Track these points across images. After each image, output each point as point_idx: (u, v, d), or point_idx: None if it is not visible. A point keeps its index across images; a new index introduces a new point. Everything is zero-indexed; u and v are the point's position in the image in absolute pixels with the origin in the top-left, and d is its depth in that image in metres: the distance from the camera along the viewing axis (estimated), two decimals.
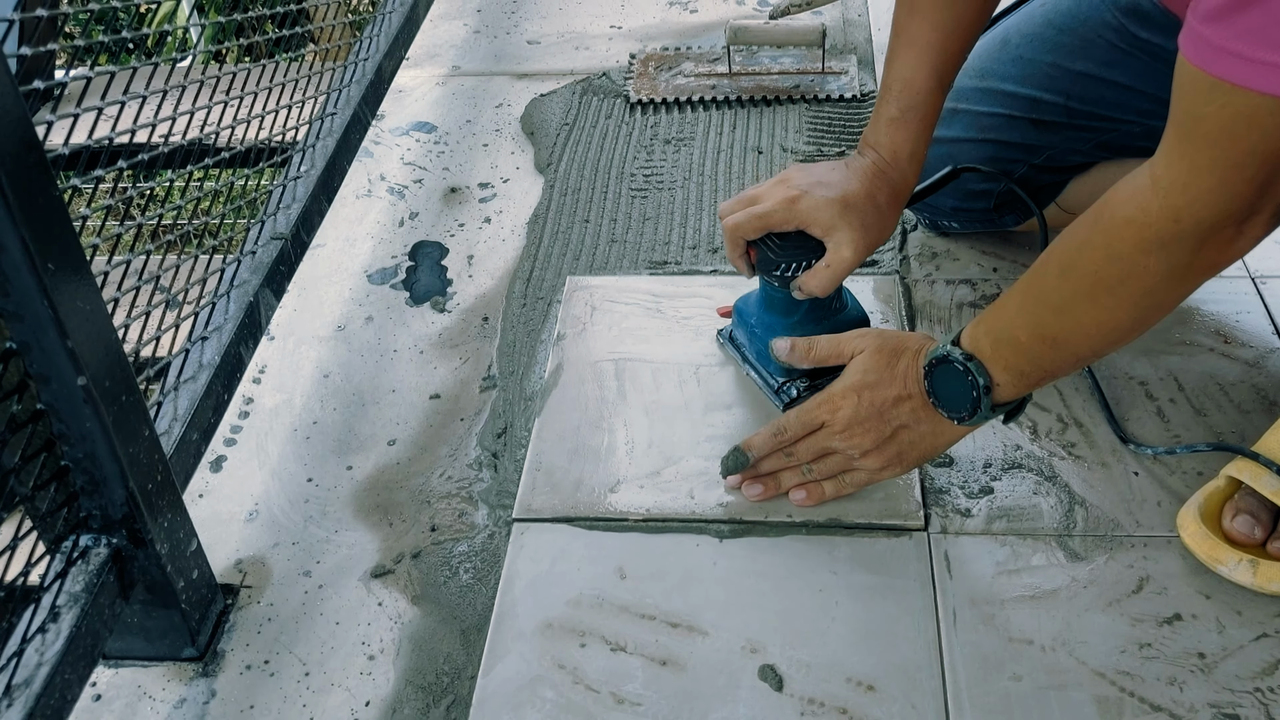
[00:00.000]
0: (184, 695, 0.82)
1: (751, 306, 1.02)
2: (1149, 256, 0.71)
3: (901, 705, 0.78)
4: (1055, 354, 0.79)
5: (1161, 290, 0.73)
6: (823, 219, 0.91)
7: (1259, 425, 0.95)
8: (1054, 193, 1.13)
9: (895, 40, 0.94)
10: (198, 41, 2.40)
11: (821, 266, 0.92)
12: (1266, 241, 1.16)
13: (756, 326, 1.01)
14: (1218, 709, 0.77)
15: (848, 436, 0.88)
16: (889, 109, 0.94)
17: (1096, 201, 0.75)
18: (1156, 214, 0.69)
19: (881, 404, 0.86)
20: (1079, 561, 0.87)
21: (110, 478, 0.72)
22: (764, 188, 0.94)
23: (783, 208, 0.91)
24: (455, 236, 1.27)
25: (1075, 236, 0.76)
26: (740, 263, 0.96)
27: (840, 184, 0.92)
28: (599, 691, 0.80)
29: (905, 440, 0.87)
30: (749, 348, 1.03)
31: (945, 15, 0.92)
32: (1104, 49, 1.04)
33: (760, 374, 1.02)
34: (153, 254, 0.96)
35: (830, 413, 0.88)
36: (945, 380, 0.83)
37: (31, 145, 0.61)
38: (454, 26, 1.70)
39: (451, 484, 0.97)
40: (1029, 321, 0.79)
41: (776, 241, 0.93)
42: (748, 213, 0.92)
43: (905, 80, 0.93)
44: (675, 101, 1.46)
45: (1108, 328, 0.76)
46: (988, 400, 0.81)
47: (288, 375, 1.10)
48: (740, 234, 0.93)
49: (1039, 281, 0.79)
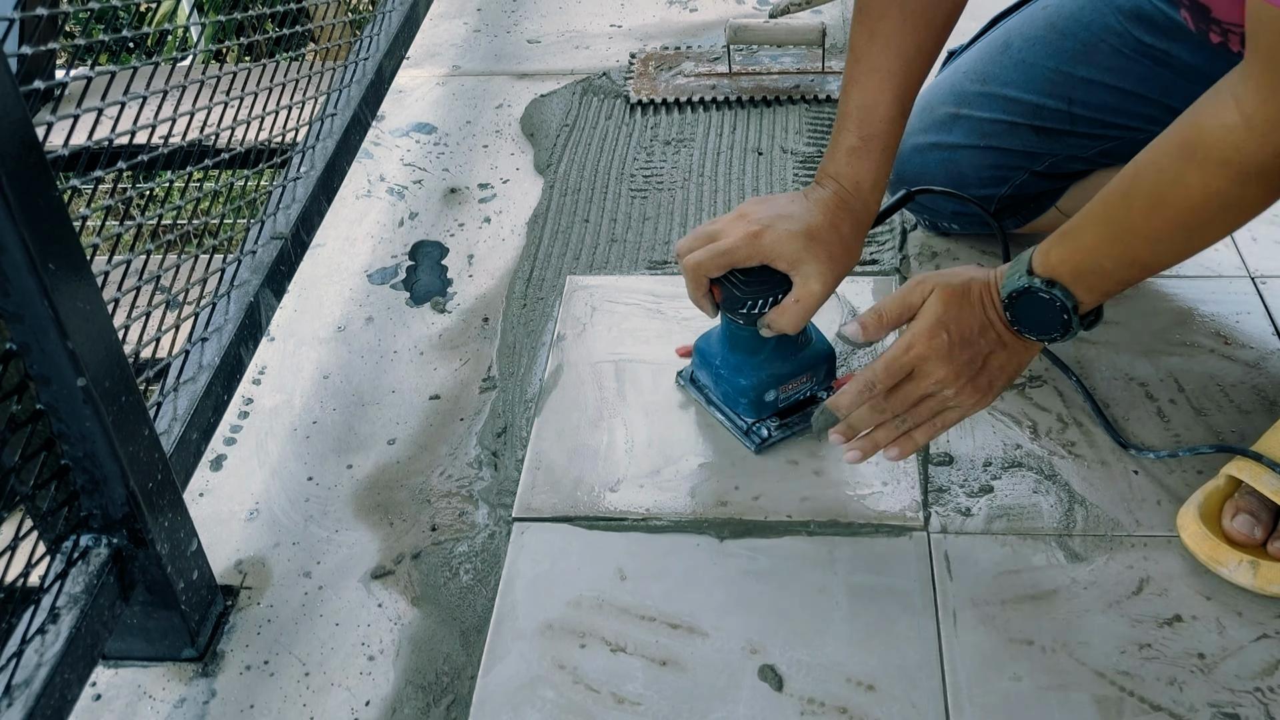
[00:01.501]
0: (184, 695, 0.83)
1: (714, 346, 0.98)
2: (1247, 188, 0.73)
3: (902, 705, 0.78)
4: (1142, 274, 0.84)
5: (1260, 207, 0.76)
6: (788, 253, 0.88)
7: (1259, 426, 0.95)
8: (1054, 198, 1.13)
9: (854, 66, 0.91)
10: (198, 41, 2.40)
11: (790, 302, 0.89)
12: (1266, 241, 1.17)
13: (722, 367, 0.97)
14: (1218, 709, 0.77)
15: (942, 374, 0.84)
16: (848, 138, 0.91)
17: (1178, 133, 0.75)
18: (1253, 151, 0.71)
19: (968, 334, 0.85)
20: (1079, 562, 0.87)
21: (110, 476, 0.72)
22: (722, 223, 0.91)
23: (746, 243, 0.88)
24: (455, 236, 1.27)
25: (1163, 172, 0.76)
26: (704, 302, 0.92)
27: (802, 216, 0.89)
28: (599, 691, 0.80)
29: (995, 366, 0.86)
30: (714, 389, 0.99)
31: (908, 42, 0.89)
32: (1107, 54, 1.03)
33: (727, 416, 0.99)
34: (153, 254, 0.96)
35: (920, 355, 0.84)
36: (1030, 308, 0.83)
37: (31, 146, 0.61)
38: (454, 25, 1.70)
39: (452, 483, 0.98)
40: (1116, 251, 0.81)
41: (741, 278, 0.89)
42: (709, 250, 0.89)
43: (866, 108, 0.90)
44: (675, 102, 1.46)
45: (1198, 247, 0.80)
46: (1077, 319, 0.83)
47: (288, 376, 1.10)
48: (703, 272, 0.90)
49: (1124, 215, 0.79)
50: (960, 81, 1.11)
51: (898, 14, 0.88)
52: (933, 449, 0.96)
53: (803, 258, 0.88)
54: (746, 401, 0.96)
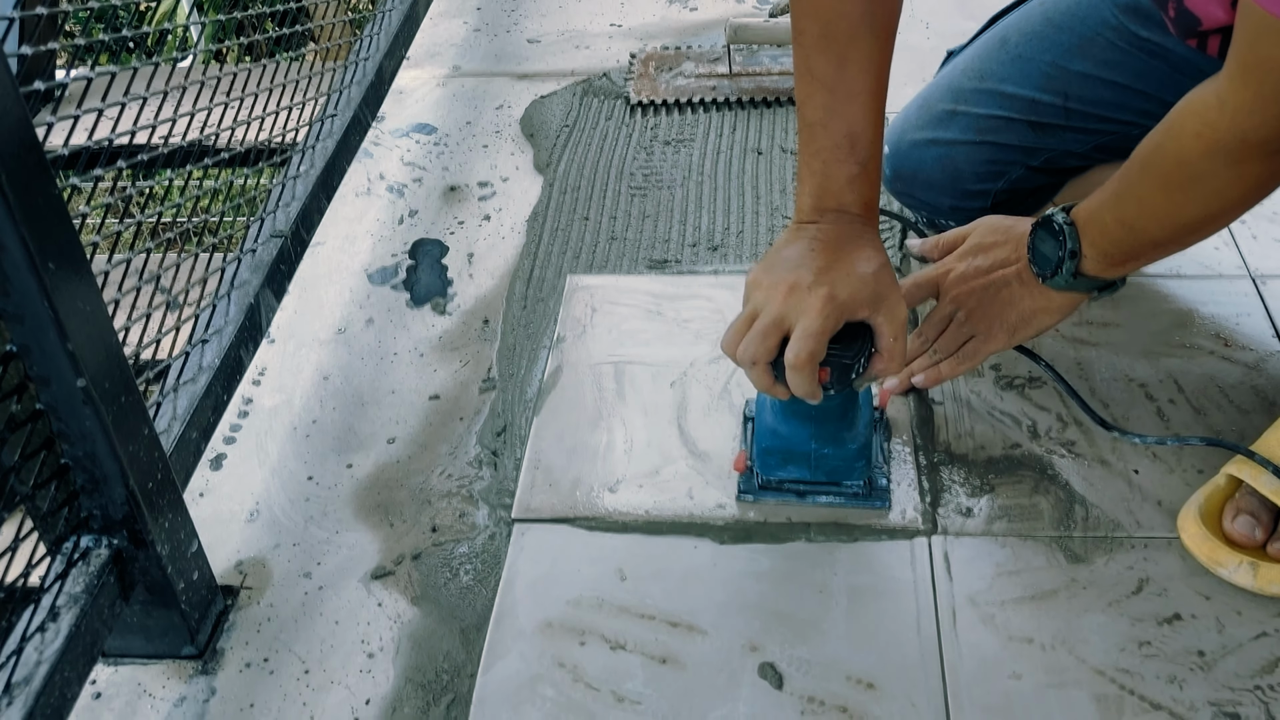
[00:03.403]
0: (184, 693, 0.83)
1: (794, 434, 0.89)
2: (1217, 164, 0.77)
3: (902, 704, 0.78)
4: (1132, 238, 0.86)
5: (1231, 193, 0.79)
6: (866, 298, 0.82)
7: (1259, 426, 0.95)
8: (1050, 193, 1.13)
9: (830, 97, 0.86)
10: (198, 41, 2.40)
11: (889, 341, 0.83)
12: (1266, 241, 1.17)
13: (821, 447, 0.89)
14: (1218, 707, 0.77)
15: (958, 292, 0.93)
16: (847, 168, 0.87)
17: (1175, 107, 0.79)
18: (1225, 132, 0.75)
19: (991, 264, 0.93)
20: (1079, 563, 0.87)
21: (110, 476, 0.72)
22: (776, 307, 0.81)
23: (829, 310, 0.80)
24: (455, 234, 1.27)
25: (1154, 136, 0.81)
26: (818, 391, 0.82)
27: (842, 258, 0.84)
28: (599, 690, 0.80)
29: (1007, 299, 0.92)
30: (813, 475, 0.91)
31: (876, 57, 0.87)
32: (1103, 48, 1.04)
33: (837, 491, 0.92)
34: (152, 252, 0.96)
35: (944, 274, 0.94)
36: (1043, 237, 0.89)
37: (31, 146, 0.61)
38: (454, 25, 1.70)
39: (452, 482, 0.98)
40: (1114, 205, 0.85)
41: (837, 347, 0.81)
42: (805, 336, 0.79)
43: (855, 135, 0.87)
44: (675, 103, 1.46)
45: (1179, 220, 0.83)
46: (1070, 265, 0.87)
47: (287, 377, 1.10)
48: (817, 360, 0.80)
49: (1126, 173, 0.84)
50: (958, 79, 1.12)
51: (868, 36, 0.86)
52: (933, 449, 0.96)
53: (878, 294, 0.83)
54: (863, 463, 0.90)
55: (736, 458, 0.94)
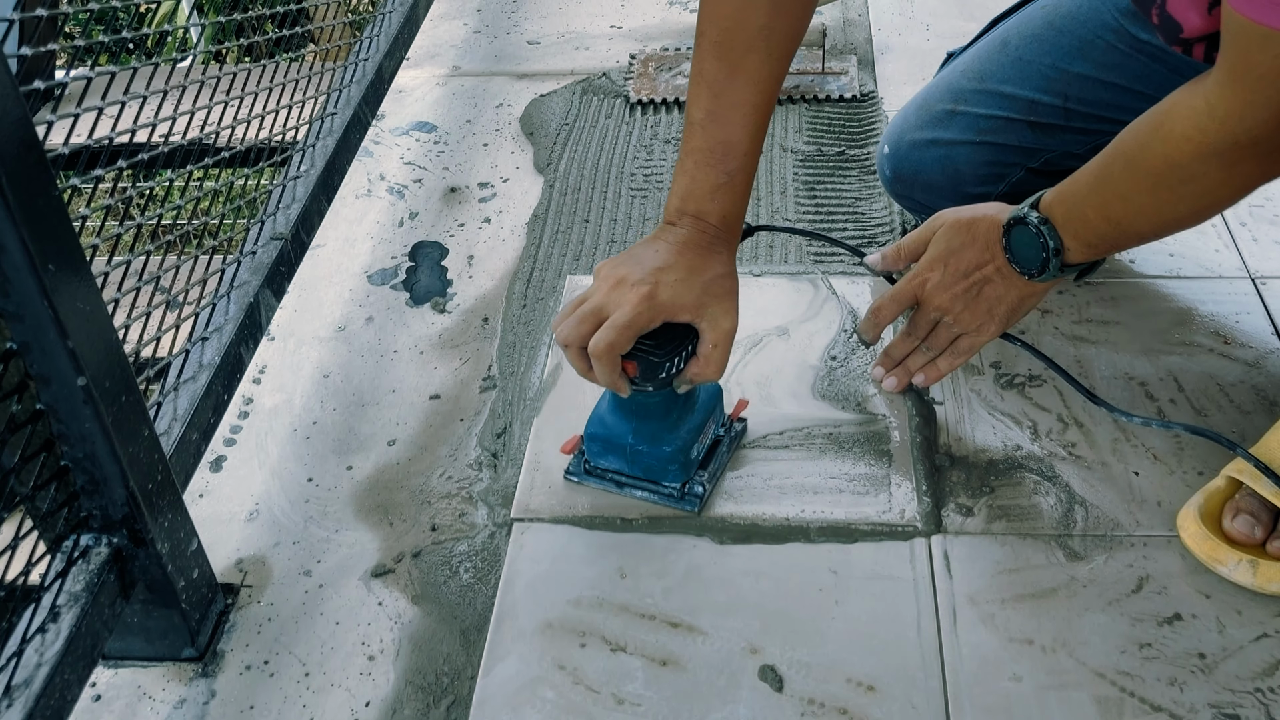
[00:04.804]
0: (184, 695, 0.82)
1: (617, 425, 0.91)
2: (1208, 165, 0.77)
3: (901, 705, 0.78)
4: (1117, 233, 0.87)
5: (1221, 192, 0.80)
6: (688, 301, 0.84)
7: (1259, 426, 0.95)
8: None
9: (714, 102, 0.87)
10: (198, 41, 2.40)
11: (709, 349, 0.85)
12: (1266, 241, 1.17)
13: (637, 443, 0.90)
14: (1218, 709, 0.77)
15: (941, 300, 0.94)
16: (713, 175, 0.88)
17: (1158, 108, 0.80)
18: (1214, 134, 0.75)
19: (967, 265, 0.93)
20: (1079, 561, 0.87)
21: (110, 477, 0.72)
22: (599, 296, 0.84)
23: (645, 306, 0.82)
24: (455, 236, 1.27)
25: (1139, 135, 0.82)
26: (620, 383, 0.85)
27: (681, 261, 0.86)
28: (599, 692, 0.80)
29: (992, 296, 0.93)
30: (629, 469, 0.93)
31: (766, 73, 0.87)
32: (1103, 50, 1.04)
33: (653, 489, 0.93)
34: (152, 254, 0.96)
35: (922, 283, 0.94)
36: (1021, 240, 0.90)
37: (31, 145, 0.61)
38: (454, 26, 1.70)
39: (451, 483, 0.97)
40: (1097, 202, 0.86)
41: (650, 343, 0.83)
42: (611, 327, 0.81)
43: (729, 144, 0.88)
44: (675, 102, 1.46)
45: (1167, 217, 0.84)
46: (1057, 261, 0.89)
47: (288, 376, 1.10)
48: (616, 351, 0.82)
49: (1108, 169, 0.84)
50: (958, 80, 1.12)
51: (763, 50, 0.87)
52: (933, 449, 0.96)
53: (703, 301, 0.85)
54: (676, 466, 0.90)
55: (570, 440, 0.96)
